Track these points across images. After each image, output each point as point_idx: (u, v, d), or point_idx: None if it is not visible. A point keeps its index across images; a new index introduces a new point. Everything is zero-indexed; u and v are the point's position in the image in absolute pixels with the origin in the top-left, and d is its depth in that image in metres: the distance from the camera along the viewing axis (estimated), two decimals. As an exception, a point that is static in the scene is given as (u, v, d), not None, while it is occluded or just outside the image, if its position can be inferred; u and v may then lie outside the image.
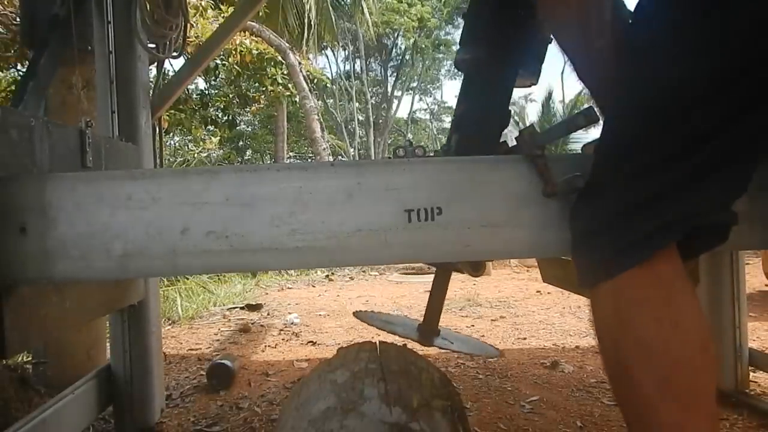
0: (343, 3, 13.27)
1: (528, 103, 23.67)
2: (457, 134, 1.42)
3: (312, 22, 10.24)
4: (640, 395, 0.73)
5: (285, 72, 7.73)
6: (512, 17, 1.32)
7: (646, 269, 0.74)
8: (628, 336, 0.75)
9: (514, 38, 1.35)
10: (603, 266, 0.77)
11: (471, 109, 1.43)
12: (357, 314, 1.91)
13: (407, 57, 20.06)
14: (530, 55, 1.42)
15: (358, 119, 15.47)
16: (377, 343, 1.24)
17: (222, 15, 6.01)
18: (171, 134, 7.89)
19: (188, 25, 2.02)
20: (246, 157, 14.83)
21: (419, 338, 1.66)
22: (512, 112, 1.68)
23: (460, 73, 1.46)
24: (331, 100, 16.46)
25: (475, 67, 1.44)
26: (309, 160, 13.92)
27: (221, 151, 9.88)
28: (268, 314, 4.05)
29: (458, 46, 1.44)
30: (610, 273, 0.76)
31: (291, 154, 15.39)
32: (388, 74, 18.54)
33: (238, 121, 11.67)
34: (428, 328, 1.65)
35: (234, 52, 6.80)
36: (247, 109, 9.76)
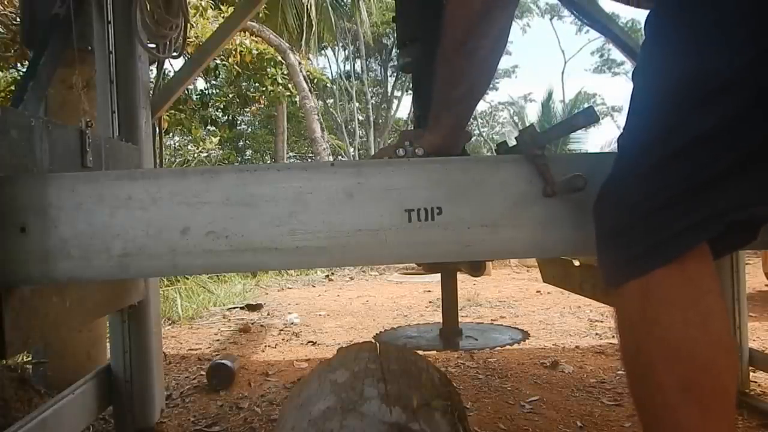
0: (342, 3, 13.26)
1: (528, 103, 23.70)
2: None
3: (312, 22, 10.24)
4: (661, 396, 0.71)
5: (285, 72, 7.73)
6: (440, 8, 1.34)
7: (676, 268, 0.72)
8: (653, 336, 0.73)
9: None
10: (631, 264, 0.75)
11: (428, 108, 1.46)
12: (378, 337, 1.97)
13: (407, 57, 19.95)
14: None
15: (358, 119, 15.45)
16: (377, 343, 1.25)
17: (222, 15, 6.01)
18: (171, 134, 7.88)
19: (188, 25, 2.02)
20: (246, 157, 14.82)
21: (444, 346, 1.76)
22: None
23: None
24: (331, 100, 16.43)
25: (419, 67, 1.44)
26: (309, 160, 13.91)
27: (221, 151, 9.88)
28: (268, 314, 4.05)
29: (396, 51, 1.48)
30: (639, 271, 0.74)
31: (291, 154, 15.37)
32: (388, 74, 18.51)
33: (238, 121, 11.66)
34: (450, 330, 1.75)
35: (234, 52, 6.80)
36: (247, 109, 9.75)
